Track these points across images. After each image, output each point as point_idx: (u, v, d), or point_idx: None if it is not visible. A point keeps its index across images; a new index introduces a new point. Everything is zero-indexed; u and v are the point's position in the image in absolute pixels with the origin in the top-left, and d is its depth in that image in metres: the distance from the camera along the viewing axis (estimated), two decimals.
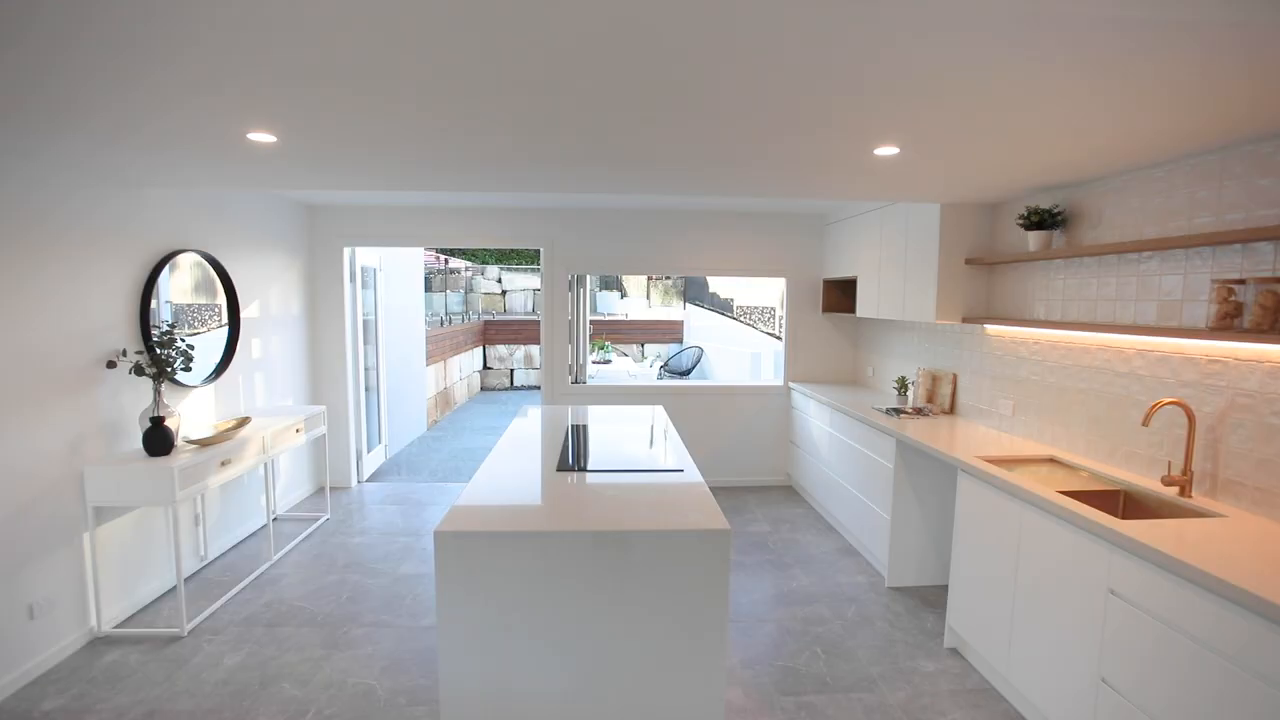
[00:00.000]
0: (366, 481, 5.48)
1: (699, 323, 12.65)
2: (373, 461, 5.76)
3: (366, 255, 5.63)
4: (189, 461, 2.98)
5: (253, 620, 3.11)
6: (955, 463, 2.86)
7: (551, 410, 3.97)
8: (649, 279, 14.73)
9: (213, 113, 1.97)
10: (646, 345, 12.78)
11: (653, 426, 3.49)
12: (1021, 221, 3.07)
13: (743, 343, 11.07)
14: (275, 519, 4.46)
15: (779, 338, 11.06)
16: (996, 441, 3.22)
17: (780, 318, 12.06)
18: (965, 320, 3.60)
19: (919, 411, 3.91)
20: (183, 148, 2.39)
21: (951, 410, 3.94)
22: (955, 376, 3.93)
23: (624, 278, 14.93)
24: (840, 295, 5.31)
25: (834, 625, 3.15)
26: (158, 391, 3.10)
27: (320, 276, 5.11)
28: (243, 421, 3.56)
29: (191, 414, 3.60)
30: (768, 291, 12.34)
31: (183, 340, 3.21)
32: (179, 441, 3.17)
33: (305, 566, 3.73)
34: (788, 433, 5.45)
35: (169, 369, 3.11)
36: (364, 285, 5.66)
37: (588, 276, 5.47)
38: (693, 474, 2.54)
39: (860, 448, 3.94)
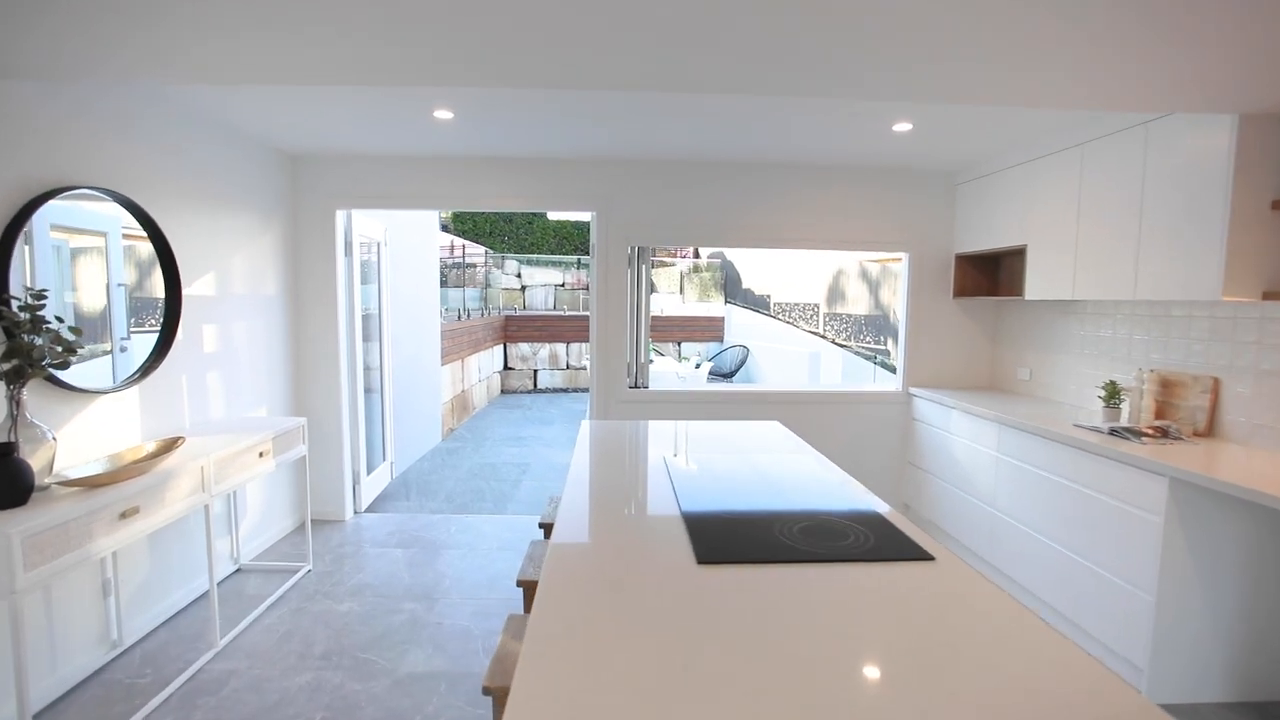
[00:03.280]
0: (366, 511, 4.29)
1: (739, 320, 11.49)
2: (375, 484, 4.57)
3: (368, 225, 4.44)
4: (54, 519, 1.79)
5: None
6: None
7: (618, 429, 2.74)
8: (681, 272, 13.50)
9: None
10: (683, 344, 11.57)
11: (805, 461, 2.26)
12: None
13: (792, 341, 9.87)
14: (239, 569, 3.29)
15: (824, 336, 9.92)
16: None
17: (824, 315, 10.95)
18: (1267, 296, 2.34)
19: (1162, 433, 2.65)
20: None
21: (1209, 432, 2.68)
22: (1216, 382, 2.67)
23: (652, 270, 13.73)
24: (978, 275, 4.08)
25: None
26: (15, 401, 1.92)
27: (305, 248, 3.92)
28: (170, 445, 2.37)
29: (96, 433, 2.42)
30: (809, 287, 11.19)
31: (57, 318, 2.03)
32: (45, 482, 1.98)
33: (265, 657, 2.54)
34: (906, 452, 4.20)
35: (38, 364, 1.94)
36: (364, 262, 4.47)
37: (649, 252, 4.27)
38: (952, 564, 1.33)
39: (1078, 486, 2.68)
